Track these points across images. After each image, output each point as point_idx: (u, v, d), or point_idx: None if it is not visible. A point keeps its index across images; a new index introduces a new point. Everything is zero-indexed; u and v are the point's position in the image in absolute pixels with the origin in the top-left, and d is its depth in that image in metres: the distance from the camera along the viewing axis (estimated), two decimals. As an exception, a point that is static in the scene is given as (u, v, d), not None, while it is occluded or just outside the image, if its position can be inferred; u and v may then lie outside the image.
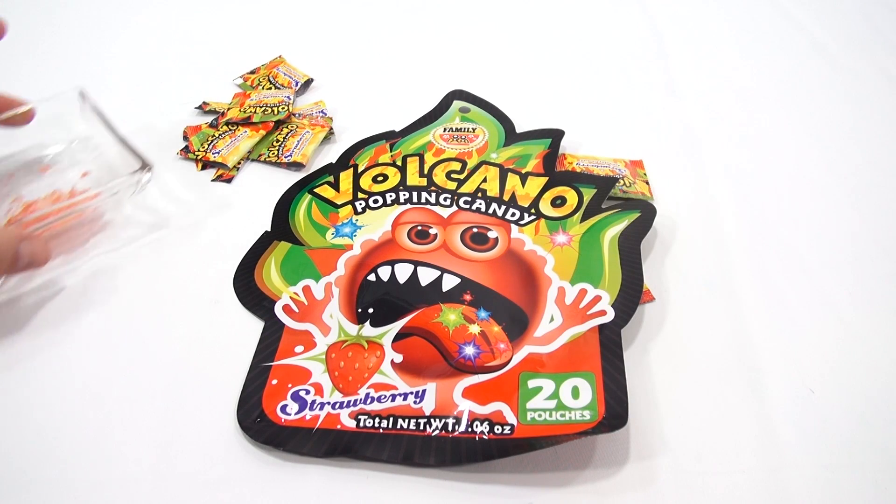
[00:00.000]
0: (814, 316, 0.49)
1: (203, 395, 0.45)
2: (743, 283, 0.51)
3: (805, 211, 0.57)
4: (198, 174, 0.62)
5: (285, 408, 0.43)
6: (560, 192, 0.56)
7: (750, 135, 0.65)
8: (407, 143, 0.63)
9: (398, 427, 0.42)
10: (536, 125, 0.64)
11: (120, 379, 0.47)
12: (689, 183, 0.60)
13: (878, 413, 0.44)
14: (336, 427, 0.42)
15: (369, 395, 0.44)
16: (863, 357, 0.47)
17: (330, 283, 0.51)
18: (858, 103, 0.68)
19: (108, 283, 0.53)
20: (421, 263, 0.51)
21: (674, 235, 0.55)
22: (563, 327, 0.46)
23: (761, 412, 0.44)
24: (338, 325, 0.48)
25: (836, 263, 0.53)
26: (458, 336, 0.46)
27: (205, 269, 0.53)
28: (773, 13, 0.81)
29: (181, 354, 0.48)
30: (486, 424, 0.41)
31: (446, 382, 0.44)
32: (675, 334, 0.48)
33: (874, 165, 0.61)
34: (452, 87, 0.69)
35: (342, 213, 0.56)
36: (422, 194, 0.57)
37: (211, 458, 0.42)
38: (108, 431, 0.44)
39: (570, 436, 0.40)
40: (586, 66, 0.74)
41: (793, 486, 0.40)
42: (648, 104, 0.69)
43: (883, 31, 0.77)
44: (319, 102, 0.69)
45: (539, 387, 0.43)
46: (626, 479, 0.41)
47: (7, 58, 0.76)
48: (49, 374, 0.47)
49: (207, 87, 0.71)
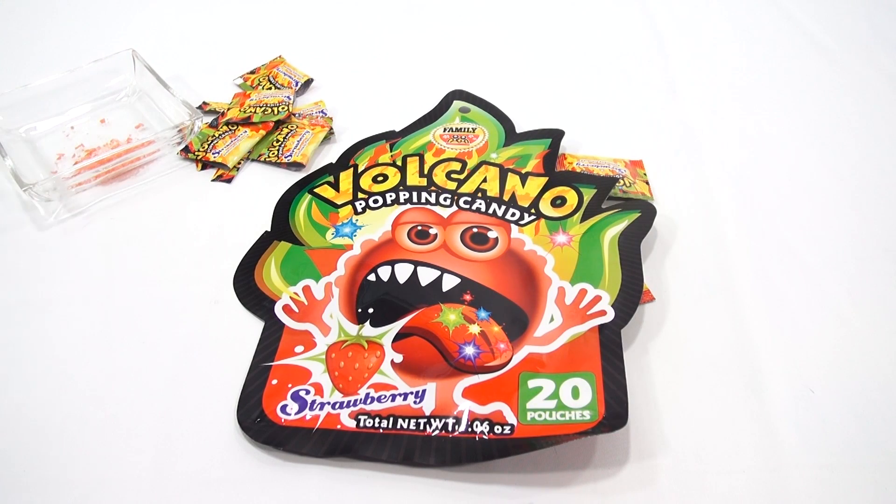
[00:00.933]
0: (814, 316, 0.49)
1: (203, 395, 0.45)
2: (743, 282, 0.51)
3: (805, 211, 0.57)
4: (198, 174, 0.62)
5: (285, 408, 0.44)
6: (560, 192, 0.56)
7: (750, 135, 0.65)
8: (407, 143, 0.63)
9: (398, 427, 0.42)
10: (536, 125, 0.64)
11: (120, 378, 0.47)
12: (689, 183, 0.60)
13: (878, 413, 0.44)
14: (336, 427, 0.42)
15: (369, 395, 0.44)
16: (863, 357, 0.47)
17: (330, 283, 0.51)
18: (858, 103, 0.68)
19: (108, 283, 0.53)
20: (421, 263, 0.51)
21: (674, 235, 0.55)
22: (563, 327, 0.46)
23: (761, 412, 0.44)
24: (338, 325, 0.48)
25: (836, 263, 0.53)
26: (458, 336, 0.46)
27: (205, 269, 0.53)
28: (773, 13, 0.81)
29: (181, 354, 0.48)
30: (486, 424, 0.41)
31: (446, 382, 0.44)
32: (675, 334, 0.48)
33: (874, 165, 0.61)
34: (452, 87, 0.69)
35: (342, 213, 0.56)
36: (422, 194, 0.57)
37: (211, 458, 0.42)
38: (108, 431, 0.44)
39: (570, 436, 0.40)
40: (587, 66, 0.74)
41: (793, 486, 0.40)
42: (648, 104, 0.69)
43: (883, 31, 0.77)
44: (319, 102, 0.69)
45: (539, 387, 0.43)
46: (626, 479, 0.41)
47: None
48: (49, 374, 0.47)
49: (207, 87, 0.71)
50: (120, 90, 0.69)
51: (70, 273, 0.54)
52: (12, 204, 0.59)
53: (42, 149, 0.64)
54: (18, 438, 0.44)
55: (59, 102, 0.67)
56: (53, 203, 0.59)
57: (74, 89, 0.67)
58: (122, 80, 0.69)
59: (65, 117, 0.67)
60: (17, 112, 0.65)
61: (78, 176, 0.59)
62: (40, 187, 0.56)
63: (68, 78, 0.67)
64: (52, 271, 0.54)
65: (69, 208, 0.59)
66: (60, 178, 0.58)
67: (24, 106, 0.65)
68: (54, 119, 0.66)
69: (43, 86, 0.66)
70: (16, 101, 0.65)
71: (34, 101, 0.65)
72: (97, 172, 0.60)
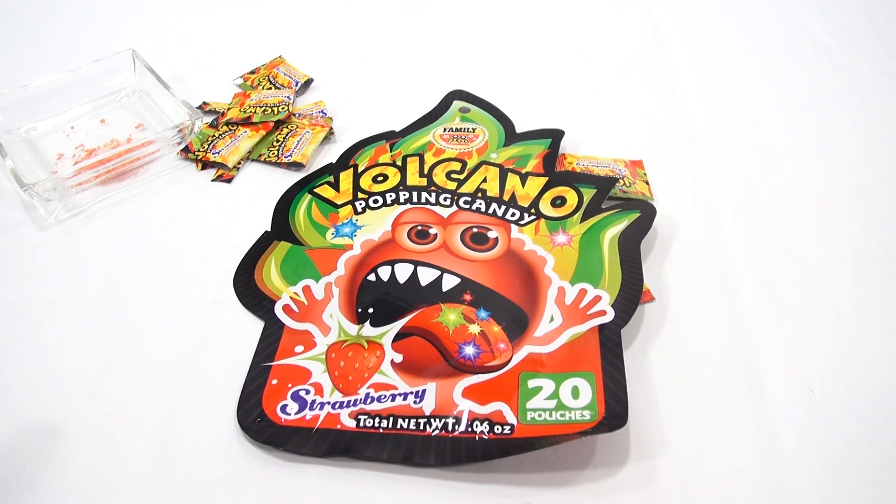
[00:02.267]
0: (814, 316, 0.49)
1: (203, 395, 0.45)
2: (743, 282, 0.51)
3: (805, 211, 0.57)
4: (198, 174, 0.62)
5: (285, 408, 0.44)
6: (560, 192, 0.56)
7: (750, 135, 0.65)
8: (407, 143, 0.63)
9: (398, 427, 0.42)
10: (537, 125, 0.64)
11: (120, 378, 0.47)
12: (689, 183, 0.60)
13: (878, 413, 0.44)
14: (336, 427, 0.42)
15: (369, 394, 0.44)
16: (863, 357, 0.47)
17: (330, 283, 0.51)
18: (858, 103, 0.68)
19: (108, 283, 0.53)
20: (421, 263, 0.51)
21: (674, 235, 0.55)
22: (563, 327, 0.46)
23: (761, 412, 0.44)
24: (338, 325, 0.48)
25: (836, 263, 0.53)
26: (458, 336, 0.46)
27: (205, 269, 0.54)
28: (773, 13, 0.81)
29: (181, 354, 0.48)
30: (486, 424, 0.41)
31: (446, 382, 0.44)
32: (675, 334, 0.48)
33: (874, 165, 0.61)
34: (452, 87, 0.69)
35: (342, 213, 0.56)
36: (422, 194, 0.57)
37: (211, 457, 0.42)
38: (108, 431, 0.44)
39: (570, 436, 0.40)
40: (587, 66, 0.74)
41: (793, 486, 0.40)
42: (648, 104, 0.69)
43: (883, 31, 0.77)
44: (319, 102, 0.69)
45: (539, 387, 0.43)
46: (626, 479, 0.41)
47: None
48: (49, 373, 0.47)
49: (207, 87, 0.71)
50: (120, 90, 0.69)
51: (70, 273, 0.54)
52: (12, 204, 0.59)
53: (42, 149, 0.64)
54: (18, 438, 0.44)
55: (59, 102, 0.67)
56: (53, 203, 0.59)
57: (75, 89, 0.67)
58: (122, 79, 0.69)
59: (65, 117, 0.67)
60: (18, 112, 0.65)
61: (78, 176, 0.59)
62: (40, 187, 0.56)
63: (68, 78, 0.67)
64: (51, 271, 0.54)
65: (69, 208, 0.59)
66: (60, 177, 0.58)
67: (25, 106, 0.65)
68: (54, 119, 0.66)
69: (43, 86, 0.66)
70: (16, 101, 0.65)
71: (34, 100, 0.66)
72: (97, 172, 0.60)
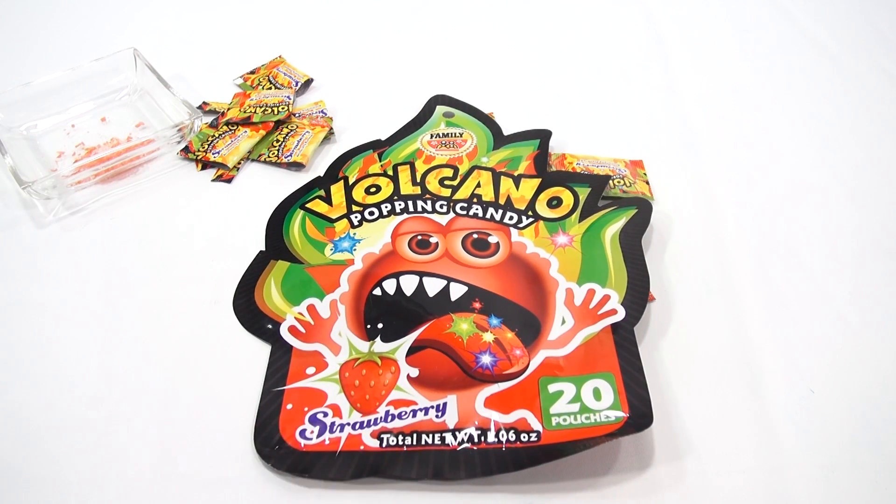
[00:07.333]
0: (814, 316, 0.49)
1: (203, 395, 0.45)
2: (743, 283, 0.51)
3: (805, 211, 0.57)
4: (198, 174, 0.62)
5: (304, 432, 0.42)
6: (555, 192, 0.56)
7: (749, 134, 0.65)
8: (395, 151, 0.62)
9: (423, 443, 0.41)
10: (537, 125, 0.64)
11: (119, 377, 0.47)
12: (689, 183, 0.60)
13: (878, 413, 0.44)
14: (359, 448, 0.41)
15: (389, 412, 0.42)
16: (863, 357, 0.47)
17: (335, 301, 0.49)
18: (858, 103, 0.68)
19: (106, 281, 0.53)
20: (426, 274, 0.50)
21: (673, 235, 0.55)
22: (575, 329, 0.46)
23: (761, 412, 0.44)
24: (348, 343, 0.47)
25: (836, 263, 0.53)
26: (473, 345, 0.45)
27: (205, 269, 0.53)
28: (773, 13, 0.81)
29: (180, 354, 0.48)
30: (511, 433, 0.41)
31: (466, 393, 0.43)
32: (674, 334, 0.48)
33: (874, 165, 0.61)
34: (453, 87, 0.69)
35: (338, 228, 0.55)
36: (417, 203, 0.56)
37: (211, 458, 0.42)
38: (108, 432, 0.44)
39: (599, 438, 0.39)
40: (587, 66, 0.74)
41: (793, 486, 0.40)
42: (648, 104, 0.69)
43: (883, 31, 0.77)
44: (319, 102, 0.69)
45: (560, 391, 0.42)
46: (626, 479, 0.41)
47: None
48: (48, 373, 0.47)
49: (207, 86, 0.71)
50: (121, 89, 0.69)
51: (69, 271, 0.54)
52: (11, 201, 0.59)
53: (42, 147, 0.64)
54: (17, 438, 0.44)
55: (60, 100, 0.67)
56: (53, 201, 0.59)
57: (75, 87, 0.67)
58: (122, 78, 0.69)
59: (65, 115, 0.67)
60: (18, 110, 0.65)
61: (78, 174, 0.59)
62: (40, 185, 0.56)
63: (69, 76, 0.67)
64: (50, 269, 0.54)
65: (68, 206, 0.59)
66: (60, 176, 0.58)
67: (26, 104, 0.65)
68: (55, 117, 0.66)
69: (44, 84, 0.66)
70: (17, 99, 0.65)
71: (35, 99, 0.66)
72: (97, 171, 0.60)
